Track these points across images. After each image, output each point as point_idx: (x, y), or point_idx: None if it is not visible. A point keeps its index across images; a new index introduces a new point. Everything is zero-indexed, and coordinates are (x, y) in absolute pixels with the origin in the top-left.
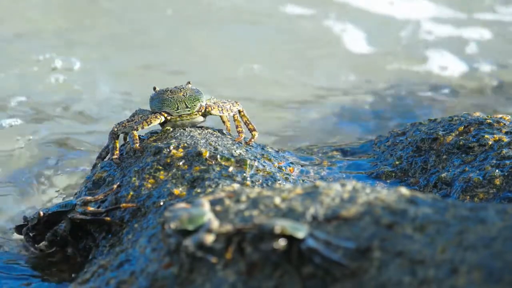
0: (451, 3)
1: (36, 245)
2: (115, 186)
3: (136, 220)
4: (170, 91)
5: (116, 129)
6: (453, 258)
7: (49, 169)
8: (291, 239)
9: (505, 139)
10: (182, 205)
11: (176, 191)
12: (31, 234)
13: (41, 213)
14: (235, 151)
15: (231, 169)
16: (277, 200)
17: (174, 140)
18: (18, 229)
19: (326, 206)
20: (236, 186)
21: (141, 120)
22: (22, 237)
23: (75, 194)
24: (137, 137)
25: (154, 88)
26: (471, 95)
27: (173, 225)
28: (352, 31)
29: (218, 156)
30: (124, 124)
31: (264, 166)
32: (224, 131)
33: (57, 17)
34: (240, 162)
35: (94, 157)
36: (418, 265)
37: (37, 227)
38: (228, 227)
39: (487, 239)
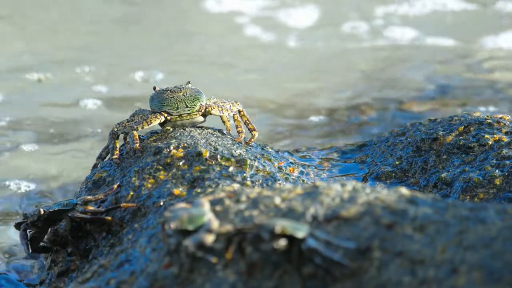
0: None
1: (29, 246)
2: (115, 186)
3: (136, 220)
4: (170, 90)
5: (116, 129)
6: (453, 258)
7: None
8: (291, 239)
9: (505, 139)
10: (182, 205)
11: (176, 191)
12: (28, 231)
13: (42, 211)
14: (235, 151)
15: (231, 169)
16: (277, 200)
17: (174, 140)
18: (18, 226)
19: (326, 206)
20: (236, 186)
21: (141, 120)
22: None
23: (75, 194)
24: (137, 137)
25: (154, 88)
26: None
27: (173, 225)
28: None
29: (218, 156)
30: (124, 124)
31: (264, 166)
32: (224, 131)
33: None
34: (240, 162)
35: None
36: (418, 265)
37: (37, 224)
38: (228, 227)
39: (487, 239)
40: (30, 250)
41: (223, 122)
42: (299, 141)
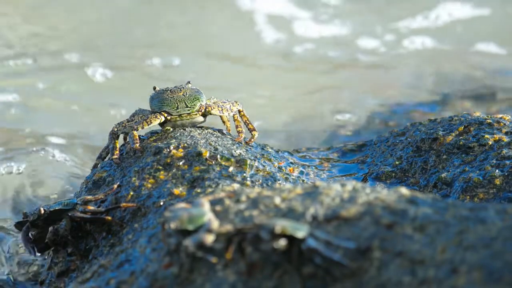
0: None
1: (32, 246)
2: (115, 186)
3: (136, 220)
4: (170, 90)
5: (116, 129)
6: (453, 258)
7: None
8: (291, 239)
9: (505, 139)
10: (182, 205)
11: (176, 191)
12: (30, 232)
13: (42, 210)
14: (235, 151)
15: (231, 169)
16: (277, 200)
17: (174, 140)
18: (19, 225)
19: (326, 206)
20: (236, 186)
21: (141, 120)
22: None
23: (76, 193)
24: (137, 137)
25: (154, 88)
26: None
27: (173, 225)
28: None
29: (218, 156)
30: (124, 124)
31: (264, 166)
32: (224, 131)
33: None
34: (240, 162)
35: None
36: (418, 265)
37: (37, 224)
38: (228, 227)
39: (487, 239)
40: (35, 252)
41: (223, 122)
42: (298, 142)
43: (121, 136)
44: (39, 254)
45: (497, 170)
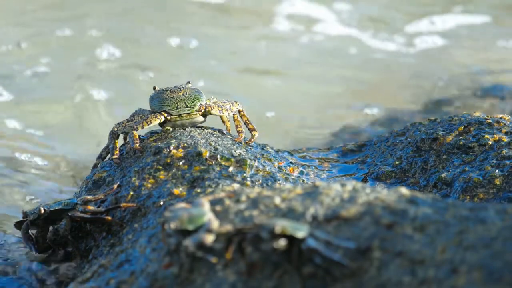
0: None
1: (33, 243)
2: (115, 186)
3: (136, 220)
4: (170, 90)
5: (116, 129)
6: (453, 258)
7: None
8: (291, 239)
9: (505, 139)
10: (182, 205)
11: (176, 191)
12: (30, 231)
13: (42, 210)
14: (235, 151)
15: (231, 169)
16: (277, 200)
17: (174, 140)
18: (18, 225)
19: (326, 206)
20: (236, 186)
21: (141, 120)
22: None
23: (76, 193)
24: (137, 137)
25: (154, 88)
26: None
27: (173, 225)
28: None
29: (218, 156)
30: (124, 124)
31: (264, 166)
32: (224, 131)
33: None
34: (240, 162)
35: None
36: (418, 265)
37: (37, 223)
38: (228, 227)
39: (487, 239)
40: (36, 249)
41: (223, 122)
42: (298, 142)
43: (121, 136)
44: (39, 252)
45: (497, 170)
